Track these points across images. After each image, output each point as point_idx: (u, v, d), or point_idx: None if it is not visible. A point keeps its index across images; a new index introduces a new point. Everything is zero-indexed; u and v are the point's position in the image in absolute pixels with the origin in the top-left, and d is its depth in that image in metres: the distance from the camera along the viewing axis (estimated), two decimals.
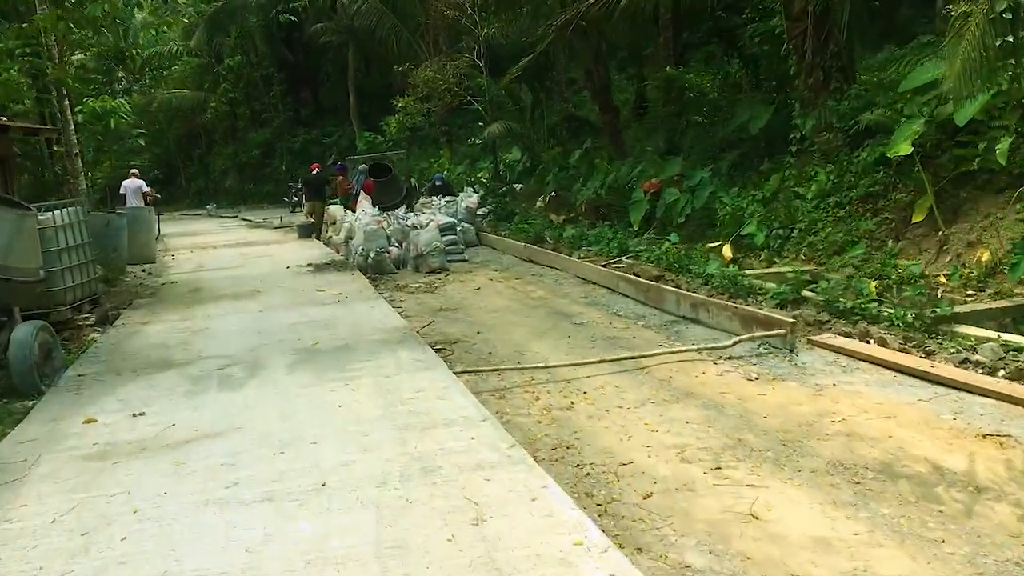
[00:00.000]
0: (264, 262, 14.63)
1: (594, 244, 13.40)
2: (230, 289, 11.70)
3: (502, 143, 23.07)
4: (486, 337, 8.58)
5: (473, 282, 12.18)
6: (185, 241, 20.09)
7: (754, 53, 15.30)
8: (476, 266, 13.80)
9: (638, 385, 6.52)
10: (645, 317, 9.16)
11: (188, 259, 16.01)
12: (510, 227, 16.87)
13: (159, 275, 14.01)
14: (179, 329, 9.03)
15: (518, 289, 11.37)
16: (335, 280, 11.99)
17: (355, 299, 10.35)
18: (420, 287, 11.96)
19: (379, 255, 13.24)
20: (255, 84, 37.89)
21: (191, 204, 41.02)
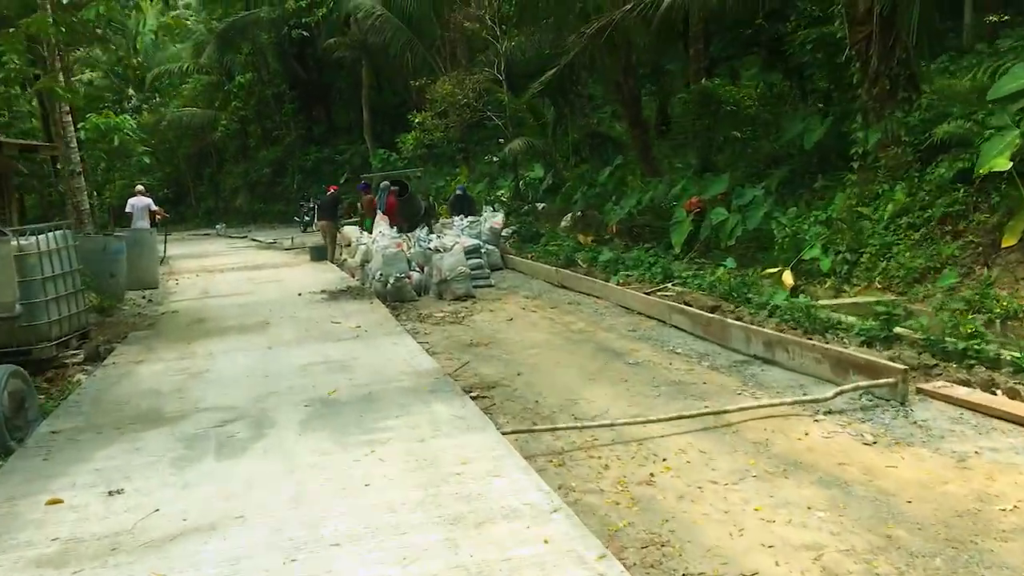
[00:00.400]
0: (274, 288, 13.47)
1: (633, 268, 12.20)
2: (236, 320, 10.53)
3: (523, 160, 21.95)
4: (529, 380, 7.37)
5: (503, 311, 10.98)
6: (191, 264, 18.97)
7: (802, 62, 14.15)
8: (504, 292, 12.61)
9: (728, 449, 5.30)
10: (709, 356, 7.93)
11: (193, 284, 14.87)
12: (536, 249, 15.69)
13: (160, 302, 12.86)
14: (176, 370, 7.84)
15: (556, 320, 10.16)
16: (352, 309, 10.81)
17: (375, 333, 9.16)
18: (445, 317, 10.77)
19: (399, 281, 12.07)
20: (266, 101, 36.95)
21: (200, 223, 40.05)
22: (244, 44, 35.18)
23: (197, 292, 13.64)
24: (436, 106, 20.62)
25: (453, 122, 20.72)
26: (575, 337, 9.13)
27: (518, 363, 8.06)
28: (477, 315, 10.80)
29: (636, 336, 8.99)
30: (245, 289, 13.51)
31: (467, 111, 20.86)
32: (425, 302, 12.11)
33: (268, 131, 38.22)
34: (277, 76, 36.39)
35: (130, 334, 10.08)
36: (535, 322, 10.11)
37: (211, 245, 25.31)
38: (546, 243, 15.91)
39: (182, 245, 26.15)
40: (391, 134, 32.08)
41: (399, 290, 12.13)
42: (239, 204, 38.35)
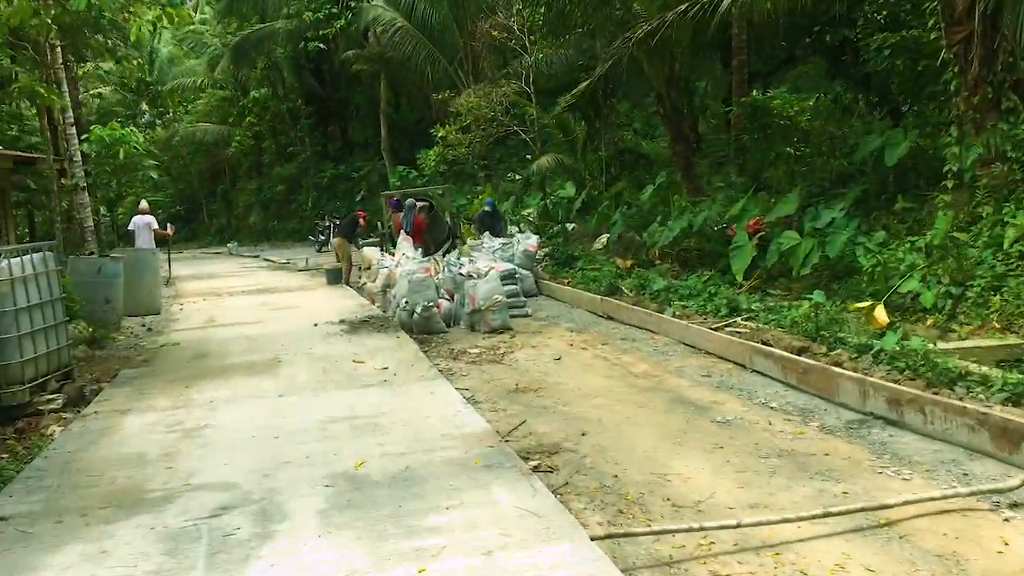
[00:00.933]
0: (287, 316, 12.08)
1: (689, 299, 10.75)
2: (244, 356, 9.12)
3: (551, 178, 20.60)
4: (598, 442, 5.93)
5: (548, 347, 9.55)
6: (199, 286, 17.63)
7: (867, 72, 12.78)
8: (543, 323, 11.18)
9: (905, 567, 3.83)
10: (814, 413, 6.48)
11: (199, 310, 13.49)
12: (572, 274, 14.26)
13: (161, 331, 11.48)
14: (168, 426, 6.43)
15: (611, 360, 8.72)
16: (376, 345, 9.39)
17: (406, 376, 7.73)
18: (482, 354, 9.34)
19: (427, 310, 10.65)
20: (281, 117, 35.80)
21: (212, 241, 38.90)
22: (259, 58, 34.07)
23: (202, 320, 12.25)
24: (461, 120, 19.29)
25: (478, 137, 19.38)
26: (640, 383, 7.69)
27: (579, 418, 6.62)
28: (518, 351, 9.37)
29: (714, 384, 7.54)
30: (255, 317, 12.13)
31: (493, 125, 19.54)
32: (456, 334, 10.70)
33: (283, 147, 37.07)
34: (293, 91, 35.25)
35: (121, 372, 8.68)
36: (588, 362, 8.67)
37: (221, 265, 24.00)
38: (583, 267, 14.51)
39: (191, 265, 24.87)
40: (409, 150, 30.82)
41: (427, 321, 10.72)
42: (252, 222, 37.16)
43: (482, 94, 19.09)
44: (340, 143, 36.08)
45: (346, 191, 32.63)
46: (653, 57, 15.74)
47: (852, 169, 12.24)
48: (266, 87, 35.15)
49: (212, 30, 37.89)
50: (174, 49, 43.62)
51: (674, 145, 16.36)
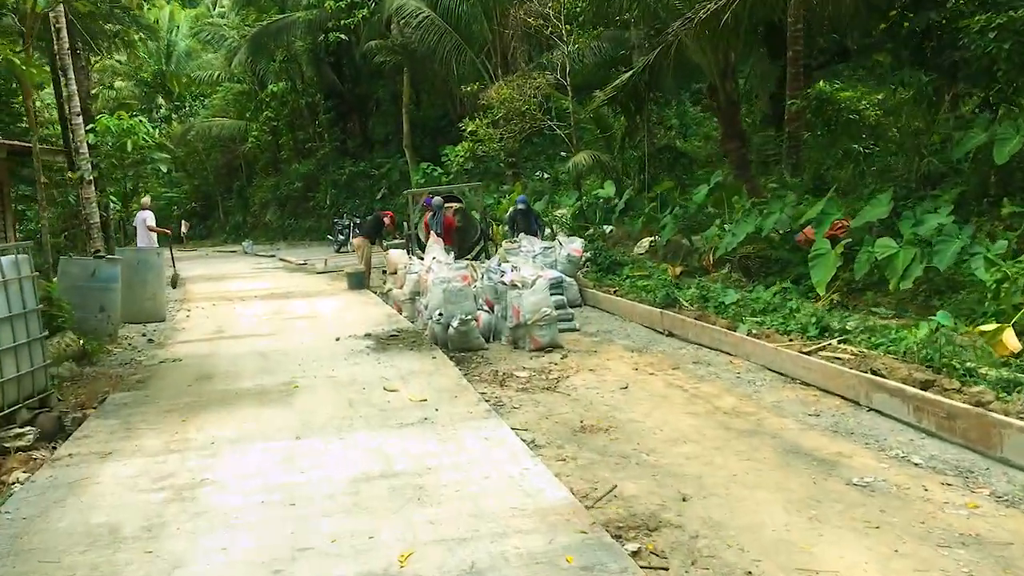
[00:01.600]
0: (306, 328, 10.70)
1: (764, 314, 9.33)
2: (255, 379, 7.74)
3: (586, 177, 19.17)
4: (707, 515, 4.52)
5: (608, 370, 8.14)
6: (209, 288, 16.29)
7: (956, 59, 11.27)
8: (596, 340, 9.77)
9: None
10: (974, 473, 5.05)
11: (207, 317, 12.13)
12: (619, 282, 12.84)
13: (163, 343, 10.12)
14: (155, 479, 5.05)
15: (688, 389, 7.29)
16: (409, 367, 7.97)
17: (450, 411, 6.32)
18: (532, 377, 7.93)
19: (465, 324, 9.25)
20: (300, 112, 34.50)
21: (228, 239, 37.68)
22: (278, 50, 32.78)
23: (210, 330, 10.89)
24: (492, 113, 17.89)
25: (510, 131, 17.98)
26: (734, 424, 6.25)
27: (672, 473, 5.21)
28: (574, 376, 7.95)
29: (827, 426, 6.10)
30: (269, 328, 10.75)
31: (526, 119, 18.14)
32: (497, 352, 9.30)
33: (301, 143, 35.78)
34: (311, 85, 33.92)
35: (111, 397, 7.32)
36: (661, 393, 7.24)
37: (235, 265, 22.66)
38: (629, 274, 13.08)
39: (204, 264, 23.57)
40: (430, 148, 29.47)
41: (464, 336, 9.32)
42: (268, 220, 35.90)
43: (515, 86, 17.69)
44: (360, 139, 34.76)
45: (365, 189, 31.31)
46: (707, 44, 14.31)
47: (943, 168, 10.74)
48: (284, 81, 33.84)
49: (230, 22, 36.66)
50: (191, 42, 42.52)
51: (727, 142, 14.91)
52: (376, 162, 31.85)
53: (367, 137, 34.72)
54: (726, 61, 14.41)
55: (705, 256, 13.21)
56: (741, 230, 11.44)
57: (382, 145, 33.90)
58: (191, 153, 40.64)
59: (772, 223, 11.04)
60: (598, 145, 19.48)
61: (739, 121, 14.86)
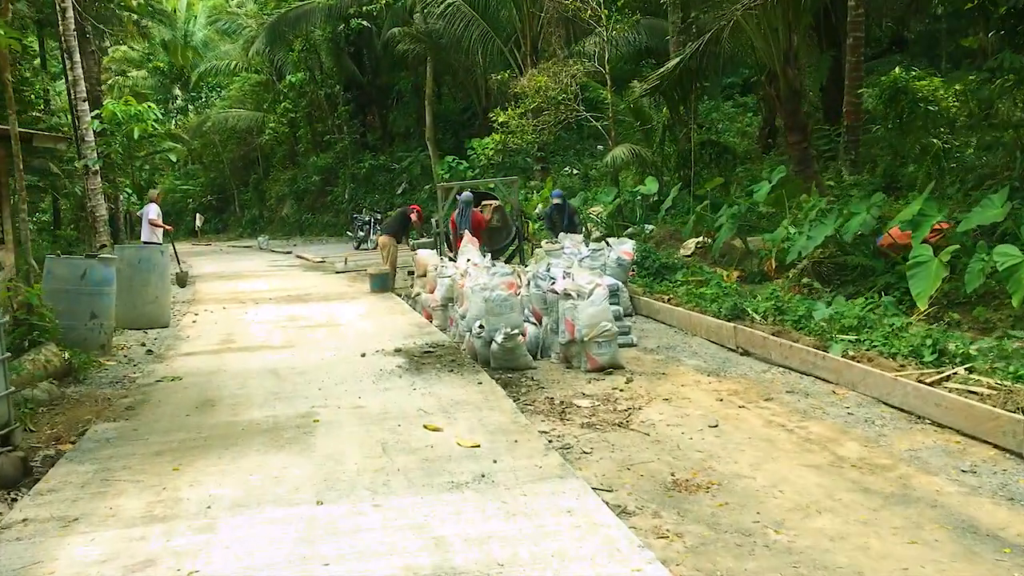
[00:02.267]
0: (326, 339, 9.34)
1: (856, 331, 7.91)
2: (266, 408, 6.36)
3: (623, 172, 17.75)
4: None
5: (685, 399, 6.74)
6: (220, 288, 14.97)
7: None
8: (658, 357, 8.37)
9: None
10: None
11: (215, 323, 10.79)
12: (673, 288, 11.42)
13: (163, 355, 8.77)
14: (128, 569, 3.68)
15: (794, 430, 5.88)
16: (452, 396, 6.56)
17: (512, 463, 4.91)
18: (596, 407, 6.55)
19: (511, 339, 7.87)
20: (318, 103, 33.17)
21: (244, 233, 36.47)
22: (296, 40, 31.45)
23: (218, 340, 9.53)
24: (526, 103, 16.48)
25: (544, 122, 16.56)
26: (871, 482, 4.85)
27: (821, 564, 3.81)
28: (647, 407, 6.55)
29: (993, 489, 4.69)
30: (284, 339, 9.39)
31: (561, 109, 16.73)
32: (547, 371, 7.92)
33: (319, 135, 34.48)
34: (331, 76, 32.56)
35: (92, 429, 5.96)
36: (763, 433, 5.83)
37: (250, 262, 21.33)
38: (683, 280, 11.67)
39: (217, 260, 22.28)
40: (452, 141, 28.13)
41: (510, 353, 7.93)
42: (285, 214, 34.65)
43: (551, 73, 16.27)
44: (379, 132, 33.43)
45: (385, 183, 29.97)
46: (768, 26, 12.89)
47: None
48: (303, 71, 32.52)
49: (248, 11, 35.37)
50: (209, 32, 41.32)
51: (789, 135, 13.46)
52: (396, 156, 30.51)
53: (387, 130, 33.39)
54: (788, 45, 12.96)
55: (766, 260, 11.79)
56: (818, 233, 9.98)
57: (402, 138, 32.57)
58: (207, 145, 39.48)
59: (857, 225, 9.59)
60: (635, 139, 18.06)
61: (801, 112, 13.39)
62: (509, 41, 22.46)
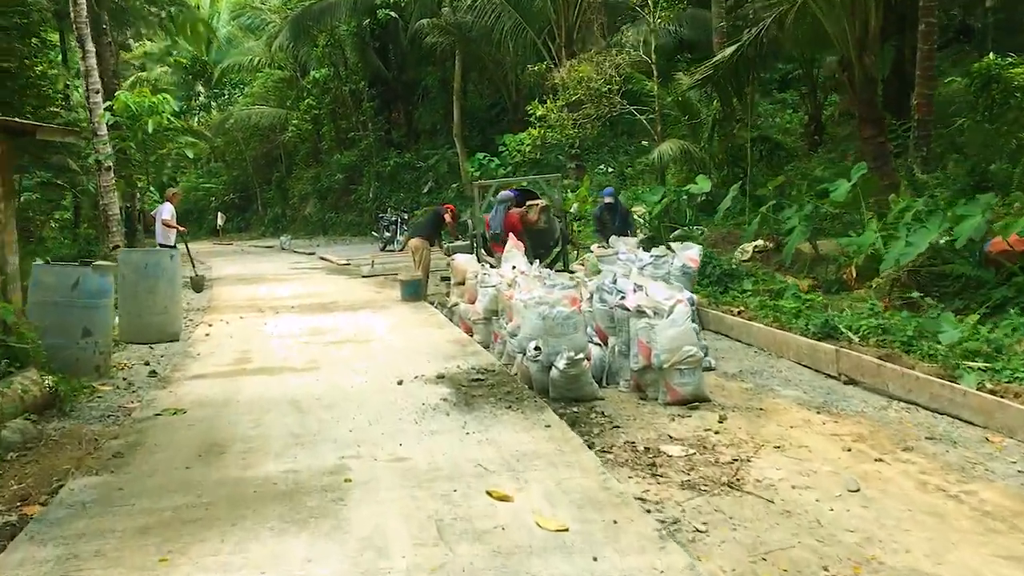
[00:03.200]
0: (355, 359, 8.00)
1: (988, 358, 6.51)
2: (284, 458, 5.02)
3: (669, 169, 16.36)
4: None
5: (802, 446, 5.37)
6: (239, 294, 13.70)
7: None
8: (745, 385, 7.01)
9: None
10: None
11: (230, 337, 9.49)
12: (742, 299, 10.05)
13: (168, 377, 7.48)
14: None
15: (964, 499, 4.50)
16: (516, 444, 5.17)
17: (619, 566, 3.54)
18: (693, 457, 5.20)
19: (575, 365, 6.51)
20: (343, 100, 31.92)
21: (266, 232, 35.34)
22: (320, 35, 30.25)
23: (232, 358, 8.23)
24: (566, 95, 15.11)
25: (586, 116, 15.18)
26: None
27: None
28: (756, 458, 5.19)
29: None
30: (307, 358, 8.07)
31: (604, 102, 15.36)
32: (616, 402, 6.58)
33: (343, 133, 33.24)
34: (355, 72, 31.28)
35: (66, 486, 4.67)
36: (923, 502, 4.45)
37: (271, 263, 20.08)
38: (752, 289, 10.29)
39: (237, 261, 21.07)
40: (479, 139, 26.79)
41: (573, 381, 6.58)
42: (308, 213, 33.47)
43: (593, 63, 14.89)
44: (405, 129, 32.16)
45: (411, 182, 28.70)
46: (840, 9, 11.47)
47: None
48: (327, 67, 31.29)
49: (271, 5, 34.18)
50: (232, 28, 40.26)
51: (864, 127, 12.02)
52: (422, 153, 29.20)
53: (412, 127, 32.12)
54: (865, 29, 11.53)
55: (845, 268, 10.37)
56: (921, 238, 8.55)
57: (428, 136, 31.29)
58: (230, 143, 38.40)
59: (970, 230, 8.15)
60: (680, 134, 16.66)
61: (877, 103, 11.94)
62: (542, 33, 21.11)
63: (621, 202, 12.18)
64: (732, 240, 14.14)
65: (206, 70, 39.40)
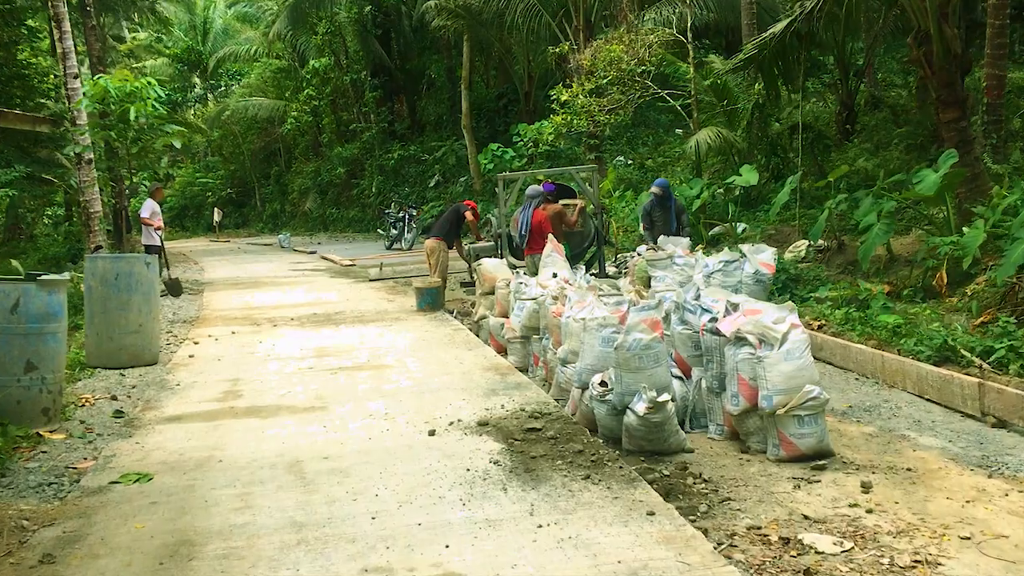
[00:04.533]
0: (370, 392, 6.40)
1: None
2: (283, 570, 3.46)
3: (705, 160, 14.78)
4: None
5: (997, 533, 3.81)
6: (232, 301, 12.10)
7: None
8: (865, 430, 5.47)
9: None
10: None
11: (218, 361, 7.89)
12: (820, 310, 8.47)
13: (135, 421, 5.87)
14: None
15: None
16: (613, 548, 3.55)
17: None
18: (850, 554, 3.64)
19: (659, 410, 4.95)
20: (343, 90, 30.26)
21: (264, 228, 33.76)
22: (320, 22, 28.63)
23: (218, 390, 6.63)
24: (596, 77, 13.50)
25: (615, 101, 13.57)
26: None
27: None
28: (944, 557, 3.64)
29: None
30: (311, 393, 6.46)
31: (636, 86, 13.76)
32: (711, 458, 5.03)
33: (344, 125, 31.59)
34: (357, 61, 29.59)
35: None
36: None
37: (269, 264, 18.45)
38: (833, 298, 8.71)
39: (233, 262, 19.45)
40: (485, 130, 25.17)
41: (656, 430, 5.01)
42: (308, 208, 31.87)
43: (625, 42, 13.29)
44: (408, 121, 30.52)
45: (416, 175, 27.08)
46: None
47: None
48: (327, 56, 29.62)
49: None
50: (229, 18, 38.66)
51: (942, 111, 10.40)
52: (428, 146, 27.55)
53: (416, 118, 30.48)
54: None
55: (935, 273, 8.79)
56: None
57: (433, 127, 29.66)
58: (227, 136, 36.76)
59: None
60: (715, 121, 15.08)
61: (960, 82, 10.35)
62: (558, 15, 19.47)
63: (676, 197, 10.53)
64: (780, 239, 12.64)
65: (201, 60, 37.75)
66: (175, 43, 35.31)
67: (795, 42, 12.44)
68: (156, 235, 12.47)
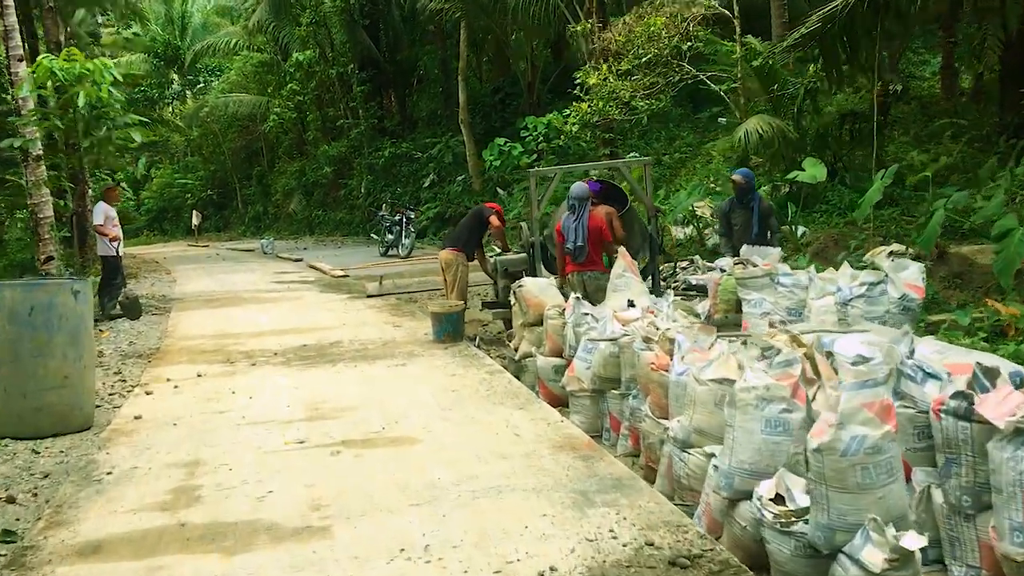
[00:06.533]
0: (394, 500, 4.15)
1: None
2: None
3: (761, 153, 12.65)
4: None
5: None
6: (203, 325, 9.80)
7: None
8: None
9: None
10: None
11: (175, 425, 5.60)
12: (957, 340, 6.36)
13: (30, 548, 3.66)
14: None
15: None
16: None
17: None
18: None
19: (905, 561, 2.79)
20: (329, 85, 27.92)
21: (246, 232, 31.41)
22: (304, 12, 26.36)
23: (163, 488, 4.38)
24: (634, 54, 11.33)
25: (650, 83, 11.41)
26: None
27: None
28: None
29: None
30: (303, 498, 4.21)
31: (673, 68, 11.64)
32: None
33: (330, 121, 29.27)
34: (343, 53, 27.24)
35: None
36: None
37: (250, 274, 16.06)
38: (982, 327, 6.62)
39: (209, 271, 17.09)
40: (483, 126, 22.95)
41: None
42: (292, 210, 29.56)
43: (668, 15, 11.13)
44: (399, 117, 28.26)
45: (409, 175, 24.82)
46: None
47: None
48: (311, 48, 27.30)
49: None
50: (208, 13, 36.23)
51: None
52: (421, 143, 25.27)
53: (408, 114, 28.23)
54: None
55: None
56: None
57: (426, 123, 27.40)
58: (206, 134, 34.33)
59: None
60: (759, 108, 12.98)
61: None
62: None
63: (760, 195, 8.27)
64: (844, 243, 10.60)
65: (179, 55, 35.29)
66: (151, 38, 32.86)
67: (870, 14, 10.39)
68: (112, 245, 10.21)
